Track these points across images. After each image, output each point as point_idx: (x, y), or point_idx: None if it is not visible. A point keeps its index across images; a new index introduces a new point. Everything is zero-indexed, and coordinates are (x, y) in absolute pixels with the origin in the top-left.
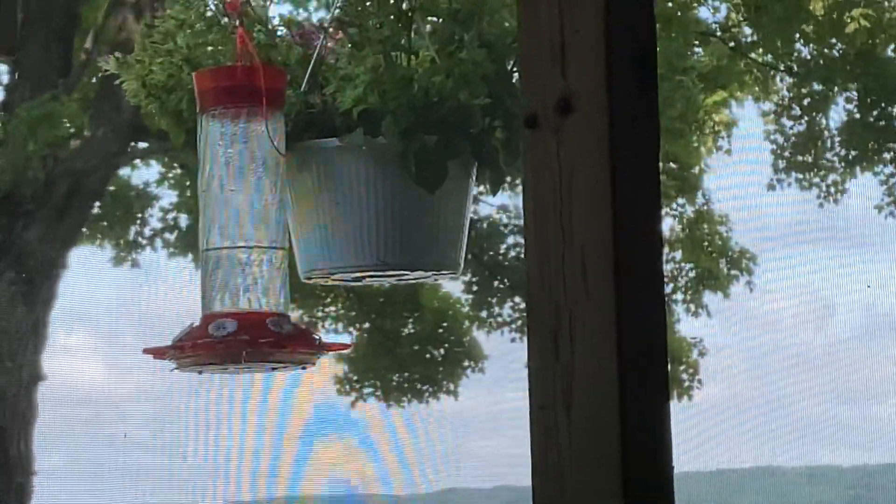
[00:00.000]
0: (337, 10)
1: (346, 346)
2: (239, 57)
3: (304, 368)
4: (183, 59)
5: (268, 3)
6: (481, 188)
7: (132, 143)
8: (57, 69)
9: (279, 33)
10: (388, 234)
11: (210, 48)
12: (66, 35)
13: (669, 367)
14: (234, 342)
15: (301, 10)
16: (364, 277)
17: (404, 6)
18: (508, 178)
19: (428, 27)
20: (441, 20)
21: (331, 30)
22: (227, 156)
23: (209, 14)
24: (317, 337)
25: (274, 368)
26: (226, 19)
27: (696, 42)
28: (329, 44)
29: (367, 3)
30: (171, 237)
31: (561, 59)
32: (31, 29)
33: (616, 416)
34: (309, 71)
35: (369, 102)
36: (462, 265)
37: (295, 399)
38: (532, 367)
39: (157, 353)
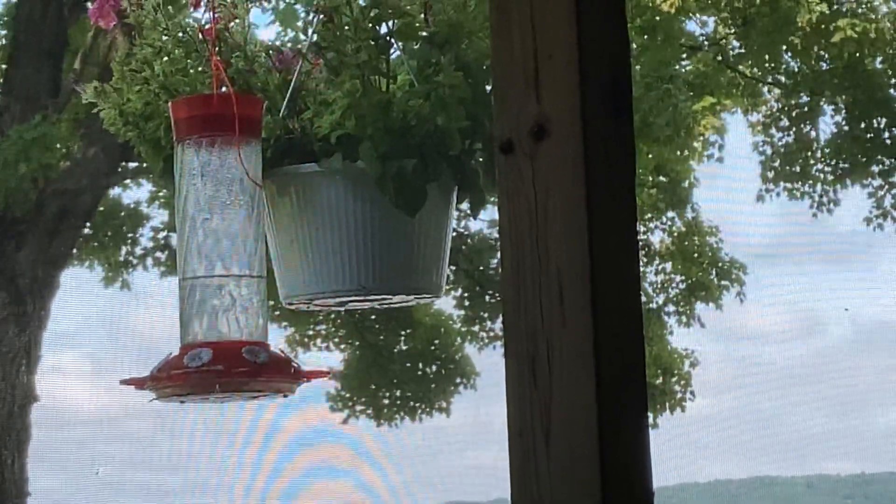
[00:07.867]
0: (314, 36)
1: (324, 374)
2: (215, 85)
3: (284, 396)
4: (160, 87)
5: (247, 29)
6: (464, 207)
7: (123, 163)
8: (47, 90)
9: (259, 59)
10: (368, 259)
11: (186, 77)
12: (55, 56)
13: (662, 378)
14: (208, 372)
15: (289, 31)
16: (346, 303)
17: (382, 30)
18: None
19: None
20: (418, 44)
21: (310, 55)
22: (203, 184)
23: (186, 40)
24: (294, 365)
25: (254, 397)
26: (202, 45)
27: (684, 55)
28: (312, 69)
29: (345, 28)
30: (162, 256)
31: (535, 85)
32: (21, 50)
33: (595, 441)
34: (287, 96)
35: (346, 127)
36: (443, 288)
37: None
38: (510, 394)
39: (137, 383)
